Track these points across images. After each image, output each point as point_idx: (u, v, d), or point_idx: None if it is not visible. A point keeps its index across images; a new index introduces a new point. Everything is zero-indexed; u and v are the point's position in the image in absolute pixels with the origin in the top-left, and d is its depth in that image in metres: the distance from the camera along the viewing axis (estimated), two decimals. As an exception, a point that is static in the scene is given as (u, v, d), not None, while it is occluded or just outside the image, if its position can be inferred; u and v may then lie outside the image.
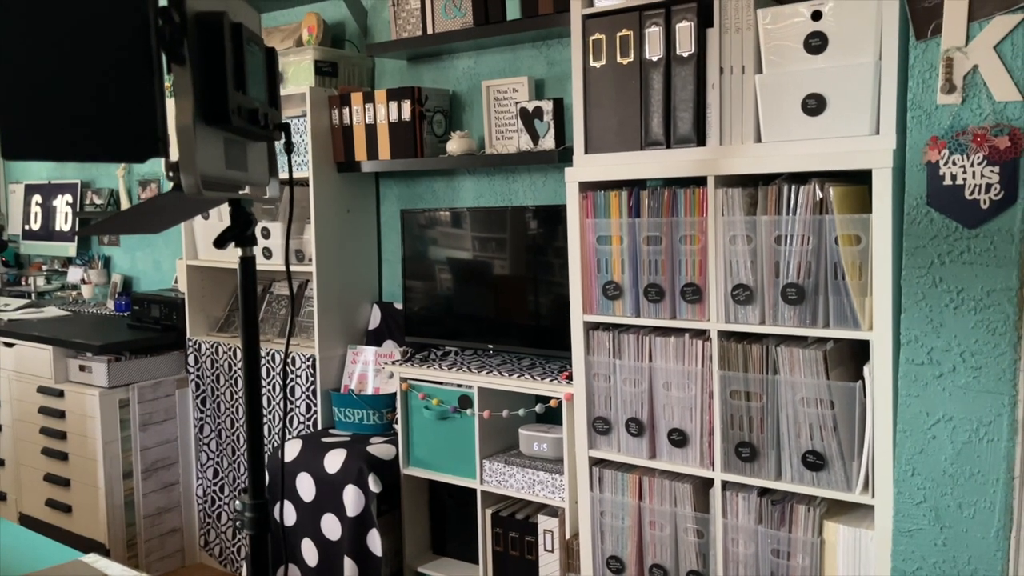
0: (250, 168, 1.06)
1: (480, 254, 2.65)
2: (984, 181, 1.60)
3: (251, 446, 1.08)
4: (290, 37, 3.03)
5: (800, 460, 1.87)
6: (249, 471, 1.09)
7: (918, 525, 1.73)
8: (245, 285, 1.11)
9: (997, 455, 1.63)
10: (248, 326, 1.12)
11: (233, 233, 1.06)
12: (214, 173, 0.92)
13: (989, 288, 1.62)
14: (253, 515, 1.08)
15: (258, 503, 1.08)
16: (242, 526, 1.10)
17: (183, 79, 0.83)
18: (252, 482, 1.08)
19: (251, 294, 1.12)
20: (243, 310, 1.10)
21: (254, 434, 1.09)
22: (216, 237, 1.06)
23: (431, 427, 2.59)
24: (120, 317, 3.74)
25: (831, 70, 1.78)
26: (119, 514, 3.21)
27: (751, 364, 1.92)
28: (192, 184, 0.83)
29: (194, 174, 0.84)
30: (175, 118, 0.84)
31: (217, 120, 0.90)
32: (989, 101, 1.59)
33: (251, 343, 1.11)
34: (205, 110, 0.87)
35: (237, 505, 1.10)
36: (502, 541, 2.49)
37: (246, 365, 1.11)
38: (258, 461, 1.08)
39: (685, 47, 1.98)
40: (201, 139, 0.86)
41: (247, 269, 1.12)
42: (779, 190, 1.85)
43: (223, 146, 0.95)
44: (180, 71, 0.83)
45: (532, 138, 2.54)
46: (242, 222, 1.06)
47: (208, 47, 0.87)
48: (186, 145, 0.84)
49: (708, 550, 2.03)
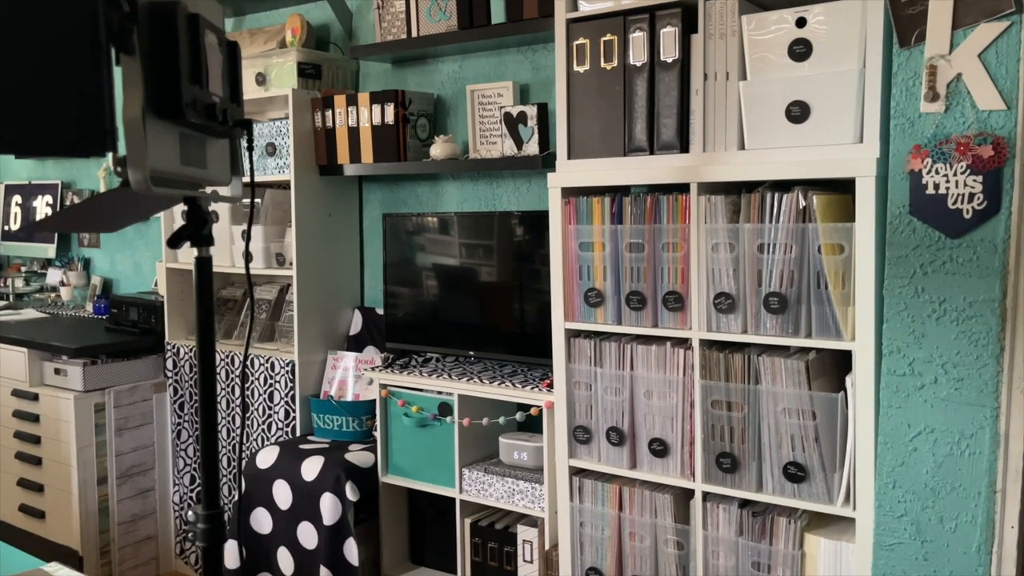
0: (209, 165, 1.03)
1: (463, 260, 2.62)
2: (967, 191, 1.58)
3: (205, 454, 1.04)
4: (273, 39, 3.00)
5: (781, 471, 1.84)
6: (203, 480, 1.05)
7: (899, 539, 1.70)
8: (201, 286, 1.07)
9: (979, 468, 1.61)
10: (203, 330, 1.08)
11: (188, 232, 1.03)
12: (167, 169, 0.88)
13: (972, 299, 1.60)
14: (207, 526, 1.04)
15: (212, 514, 1.05)
16: (195, 538, 1.06)
17: (132, 70, 0.80)
18: (206, 491, 1.04)
19: (207, 296, 1.09)
20: (199, 313, 1.06)
21: (208, 441, 1.05)
22: (170, 236, 1.02)
23: (410, 435, 2.56)
24: (98, 320, 3.68)
25: (815, 77, 1.76)
26: (93, 521, 3.15)
27: (733, 373, 1.89)
28: (140, 180, 0.80)
29: (143, 169, 0.80)
30: (123, 111, 0.81)
31: (170, 114, 0.86)
32: (973, 110, 1.57)
33: (207, 347, 1.08)
34: (157, 103, 0.84)
35: (190, 516, 1.07)
36: (481, 551, 2.45)
37: (201, 370, 1.07)
38: (212, 470, 1.04)
39: (669, 53, 1.96)
40: (152, 133, 0.83)
41: (203, 270, 1.09)
42: (762, 198, 1.83)
43: (178, 142, 0.91)
44: (129, 62, 0.80)
45: (516, 143, 2.51)
46: (198, 221, 1.02)
47: (160, 37, 0.84)
48: (135, 139, 0.80)
49: (688, 562, 2.00)
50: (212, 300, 1.10)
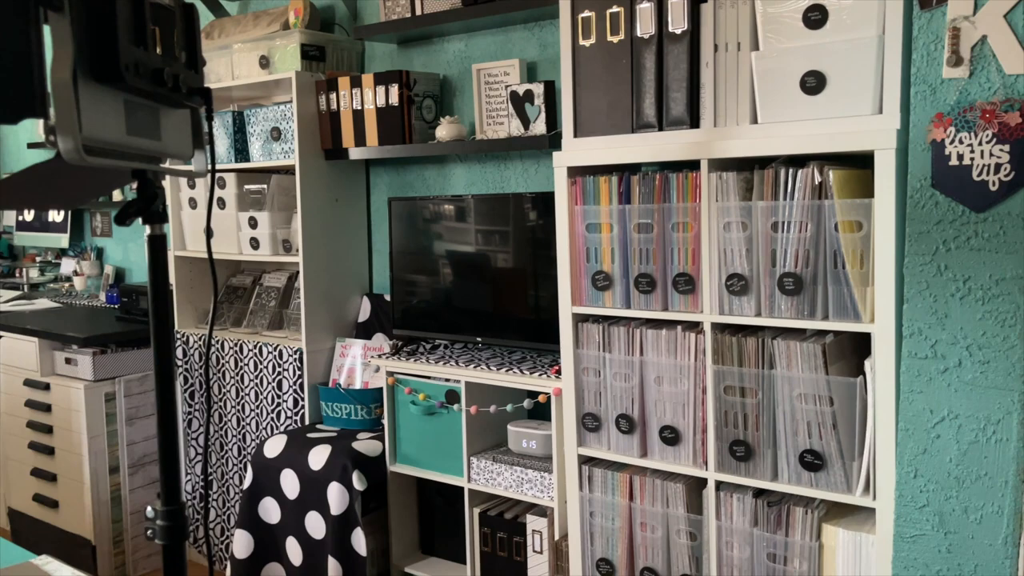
0: (165, 137, 0.96)
1: (471, 244, 2.56)
2: (993, 161, 1.49)
3: (162, 448, 0.98)
4: (276, 20, 2.94)
5: (797, 460, 1.77)
6: (161, 474, 0.99)
7: (921, 530, 1.62)
8: (154, 266, 1.01)
9: (1006, 456, 1.52)
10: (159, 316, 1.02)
11: (136, 207, 0.97)
12: (108, 138, 0.82)
13: (998, 276, 1.50)
14: (166, 523, 0.98)
15: (172, 510, 0.99)
16: (153, 535, 1.00)
17: (61, 28, 0.74)
18: (165, 486, 0.99)
19: (162, 277, 1.03)
20: (152, 296, 1.01)
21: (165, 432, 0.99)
22: (117, 212, 0.97)
23: (418, 423, 2.51)
24: (111, 309, 3.67)
25: (831, 45, 1.67)
26: (105, 510, 3.14)
27: (746, 358, 1.81)
28: (71, 148, 0.74)
29: (74, 136, 0.74)
30: (51, 72, 0.75)
31: (107, 77, 0.80)
32: (999, 74, 1.47)
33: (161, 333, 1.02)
34: (92, 65, 0.78)
35: (148, 512, 1.01)
36: (490, 541, 2.39)
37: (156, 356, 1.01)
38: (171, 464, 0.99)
39: (678, 23, 1.87)
40: (87, 98, 0.76)
41: (156, 248, 1.03)
42: (776, 174, 1.75)
43: (123, 109, 0.85)
44: (57, 19, 0.74)
45: (523, 123, 2.44)
46: (148, 195, 0.96)
47: (94, -7, 0.78)
48: (64, 103, 0.74)
49: (701, 553, 1.93)
50: (167, 282, 1.05)
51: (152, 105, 0.93)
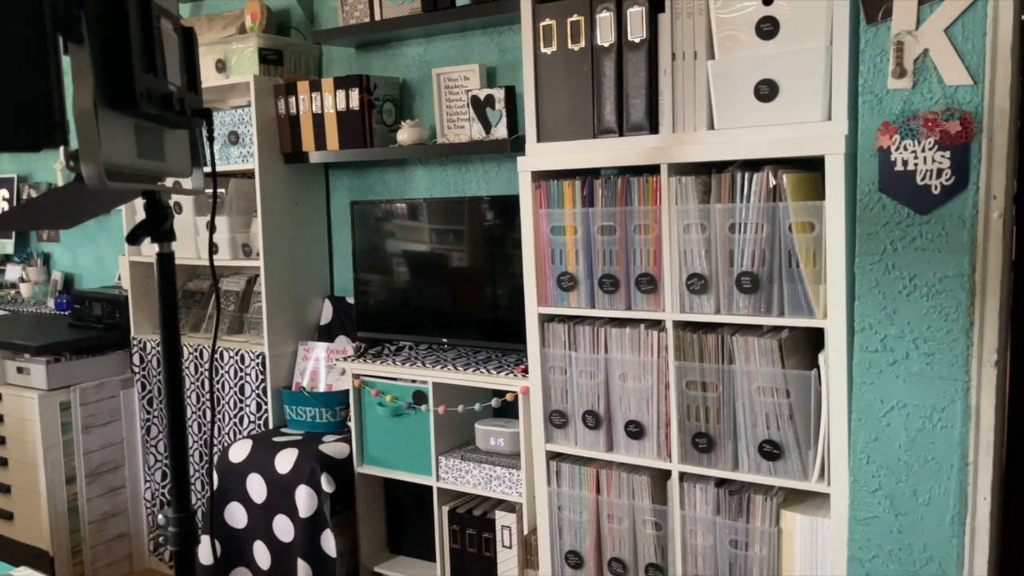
0: (168, 157, 0.99)
1: (433, 246, 2.60)
2: (935, 166, 1.59)
3: (174, 455, 1.01)
4: (232, 24, 2.93)
5: (757, 450, 1.85)
6: (173, 482, 1.02)
7: (874, 513, 1.72)
8: (164, 283, 1.04)
9: (951, 441, 1.63)
10: (167, 328, 1.05)
11: (148, 228, 0.99)
12: (123, 163, 0.85)
13: (941, 274, 1.61)
14: (178, 530, 1.01)
15: (183, 517, 1.02)
16: (165, 542, 1.03)
17: (82, 60, 0.76)
18: (176, 494, 1.01)
19: (170, 293, 1.05)
20: (162, 310, 1.03)
21: (177, 442, 1.02)
22: (129, 232, 0.98)
23: (385, 424, 2.54)
24: (61, 316, 3.60)
25: (783, 55, 1.76)
26: (63, 520, 3.09)
27: (707, 354, 1.89)
28: (94, 175, 0.76)
29: (96, 163, 0.76)
30: (73, 102, 0.77)
31: (123, 105, 0.83)
32: (940, 85, 1.58)
33: (171, 345, 1.04)
34: (109, 94, 0.80)
35: (160, 519, 1.04)
36: (459, 538, 2.44)
37: (166, 368, 1.04)
38: (182, 470, 1.02)
39: (637, 32, 1.94)
40: (105, 125, 0.79)
41: (165, 266, 1.05)
42: (732, 178, 1.83)
43: (134, 134, 0.87)
44: (78, 51, 0.76)
45: (484, 127, 2.48)
46: (158, 216, 0.99)
47: (110, 24, 0.80)
48: (86, 132, 0.76)
49: (667, 542, 2.01)
50: (175, 297, 1.07)
51: (157, 128, 0.95)
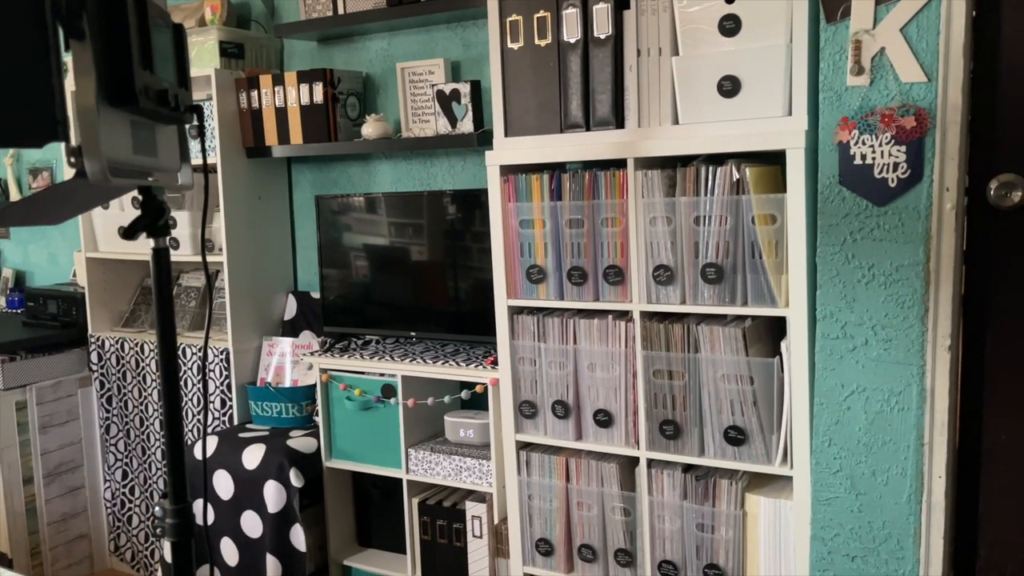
0: (160, 153, 0.99)
1: (399, 240, 2.60)
2: (892, 160, 1.66)
3: (171, 448, 1.01)
4: (192, 16, 2.89)
5: (722, 436, 1.91)
6: (170, 474, 1.03)
7: (835, 493, 1.79)
8: (159, 278, 1.04)
9: (908, 423, 1.70)
10: (164, 323, 1.05)
11: (144, 223, 0.99)
12: (121, 158, 0.85)
13: (898, 263, 1.68)
14: (175, 521, 1.02)
15: (180, 508, 1.02)
16: (163, 533, 1.03)
17: (83, 56, 0.76)
18: (173, 486, 1.02)
19: (166, 287, 1.05)
20: (158, 305, 1.03)
21: (174, 435, 1.02)
22: (126, 228, 0.99)
23: (354, 418, 2.54)
24: (13, 314, 3.52)
25: (745, 52, 1.81)
26: (21, 522, 3.03)
27: (673, 343, 1.94)
28: (98, 170, 0.77)
29: (100, 159, 0.77)
30: (76, 99, 0.77)
31: (123, 101, 0.83)
32: (896, 82, 1.64)
33: (168, 340, 1.05)
34: (110, 90, 0.81)
35: (157, 511, 1.04)
36: (429, 529, 2.46)
37: (163, 364, 1.04)
38: (179, 463, 1.02)
39: (603, 29, 1.97)
40: (106, 121, 0.79)
41: (161, 261, 1.05)
42: (697, 171, 1.88)
43: (130, 129, 0.88)
44: (79, 47, 0.76)
45: (450, 121, 2.50)
46: (154, 211, 0.99)
47: (111, 21, 0.80)
48: (89, 128, 0.77)
49: (635, 528, 2.06)
50: (171, 292, 1.07)
51: (151, 123, 0.95)
